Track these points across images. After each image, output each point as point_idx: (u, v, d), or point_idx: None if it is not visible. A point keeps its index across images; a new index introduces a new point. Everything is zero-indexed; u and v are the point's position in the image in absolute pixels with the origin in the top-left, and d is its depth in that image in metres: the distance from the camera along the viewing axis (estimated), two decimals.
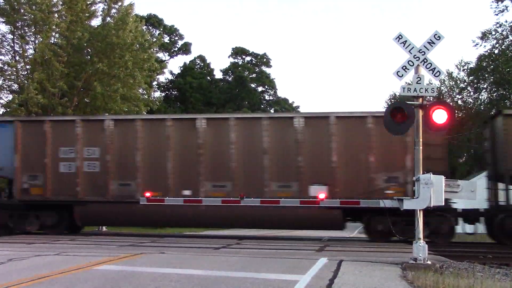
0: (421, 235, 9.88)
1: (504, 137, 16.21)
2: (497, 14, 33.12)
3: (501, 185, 16.95)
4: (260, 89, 57.31)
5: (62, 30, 27.88)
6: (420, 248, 9.74)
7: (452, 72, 41.61)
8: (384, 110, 14.01)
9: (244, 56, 57.06)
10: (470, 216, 16.63)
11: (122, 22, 28.47)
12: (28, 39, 29.01)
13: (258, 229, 20.49)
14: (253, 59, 56.95)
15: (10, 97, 29.70)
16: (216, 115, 27.33)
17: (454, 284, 7.71)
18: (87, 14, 29.71)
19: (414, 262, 9.65)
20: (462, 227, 18.52)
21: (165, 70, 46.69)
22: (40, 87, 26.70)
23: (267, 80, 56.46)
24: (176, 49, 52.97)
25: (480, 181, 17.46)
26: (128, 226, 21.53)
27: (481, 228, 17.45)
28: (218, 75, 56.40)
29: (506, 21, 33.45)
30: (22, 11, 27.71)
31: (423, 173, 9.98)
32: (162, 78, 50.44)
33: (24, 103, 26.38)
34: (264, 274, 8.45)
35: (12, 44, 29.21)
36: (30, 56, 28.59)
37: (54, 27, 27.93)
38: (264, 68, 57.24)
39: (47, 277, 8.06)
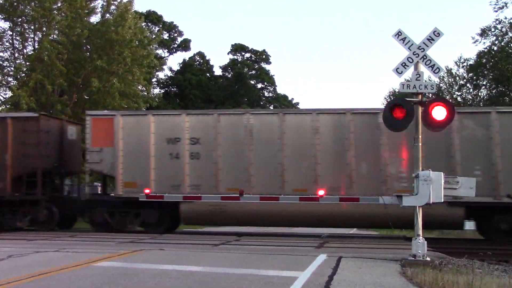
0: (420, 232, 9.89)
1: None
2: (496, 11, 33.05)
3: None
4: (259, 85, 57.23)
5: (62, 27, 27.83)
6: (419, 245, 9.75)
7: (451, 69, 41.56)
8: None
9: (243, 53, 56.91)
10: None
11: (121, 18, 28.42)
12: (27, 35, 29.01)
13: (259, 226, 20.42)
14: (253, 55, 56.81)
15: (8, 94, 29.79)
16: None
17: (453, 280, 7.72)
18: (86, 11, 29.64)
19: (413, 258, 9.66)
20: None
21: (164, 67, 46.71)
22: (39, 85, 26.69)
23: (266, 76, 56.32)
24: (176, 45, 52.82)
25: None
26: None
27: None
28: (218, 71, 56.32)
29: (506, 18, 33.38)
30: (21, 7, 27.66)
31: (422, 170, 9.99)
32: (161, 75, 50.43)
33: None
34: (263, 271, 8.46)
35: (12, 41, 29.23)
36: (30, 53, 28.56)
37: (54, 23, 27.90)
38: (263, 64, 57.12)
39: (47, 273, 8.07)
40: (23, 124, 18.48)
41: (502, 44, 34.16)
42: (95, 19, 30.73)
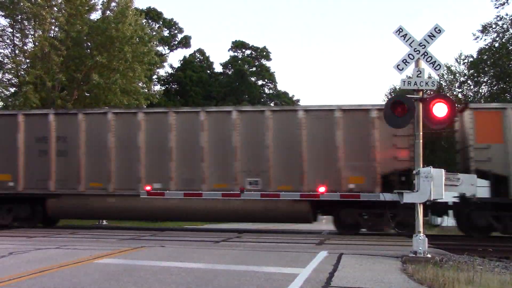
0: (421, 228, 9.88)
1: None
2: (497, 7, 32.94)
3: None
4: (260, 82, 57.23)
5: (61, 23, 27.81)
6: (420, 241, 9.74)
7: (450, 66, 41.49)
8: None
9: (244, 50, 56.95)
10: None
11: (121, 15, 28.42)
12: (27, 32, 28.99)
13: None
14: (253, 52, 56.83)
15: (10, 90, 29.79)
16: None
17: (454, 277, 7.72)
18: (86, 8, 29.64)
19: (414, 255, 9.66)
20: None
21: (165, 64, 46.67)
22: (39, 81, 26.68)
23: (267, 73, 56.34)
24: (176, 42, 52.82)
25: None
26: None
27: None
28: (218, 68, 56.37)
29: (507, 14, 33.25)
30: (21, 4, 27.65)
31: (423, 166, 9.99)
32: (162, 72, 50.45)
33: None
34: (264, 268, 8.46)
35: (12, 38, 29.20)
36: (31, 50, 28.55)
37: (53, 20, 27.88)
38: (264, 61, 57.14)
39: (48, 270, 8.07)
40: None
41: (503, 40, 34.06)
42: (95, 16, 30.79)
